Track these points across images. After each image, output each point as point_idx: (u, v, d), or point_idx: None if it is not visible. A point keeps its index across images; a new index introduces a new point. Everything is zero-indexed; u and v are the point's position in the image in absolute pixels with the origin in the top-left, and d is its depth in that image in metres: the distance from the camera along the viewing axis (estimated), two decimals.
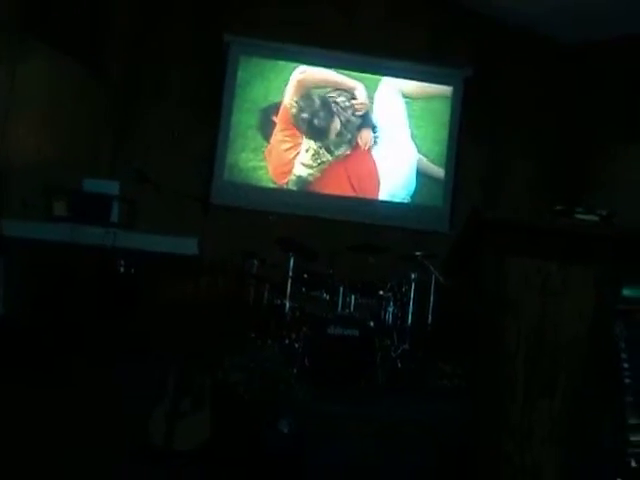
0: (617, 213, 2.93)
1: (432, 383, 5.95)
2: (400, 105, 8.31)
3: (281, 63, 8.28)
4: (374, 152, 8.26)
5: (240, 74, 8.21)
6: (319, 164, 8.17)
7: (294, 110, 8.17)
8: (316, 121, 8.20)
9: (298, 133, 8.19)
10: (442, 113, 8.37)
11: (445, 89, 8.41)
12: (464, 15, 8.32)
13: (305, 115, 8.17)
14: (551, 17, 7.82)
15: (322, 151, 8.18)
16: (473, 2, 8.07)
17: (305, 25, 8.17)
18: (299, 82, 8.21)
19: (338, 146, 8.19)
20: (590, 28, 7.79)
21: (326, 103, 8.23)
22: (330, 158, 8.18)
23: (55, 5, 6.65)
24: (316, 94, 8.22)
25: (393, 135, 8.28)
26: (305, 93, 8.20)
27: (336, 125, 8.21)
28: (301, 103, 8.18)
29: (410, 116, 8.32)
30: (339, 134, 8.22)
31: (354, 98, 8.26)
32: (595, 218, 2.92)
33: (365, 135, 8.21)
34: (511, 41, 8.42)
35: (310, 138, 8.18)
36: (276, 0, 8.19)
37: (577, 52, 8.30)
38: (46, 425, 4.07)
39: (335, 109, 8.24)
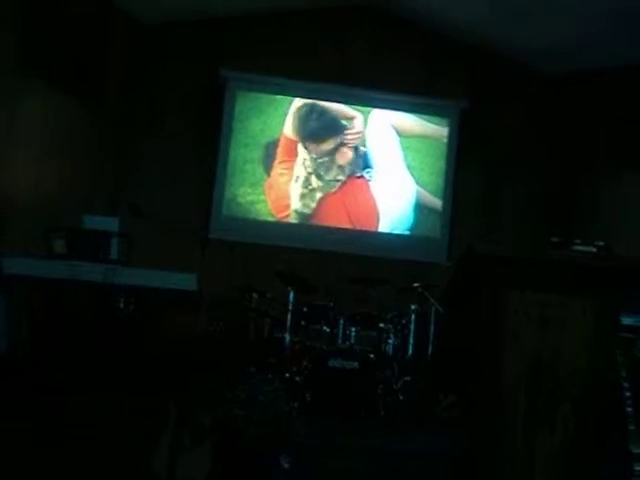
0: (611, 247, 2.95)
1: (433, 415, 5.92)
2: (395, 137, 8.35)
3: (278, 97, 8.35)
4: (371, 184, 8.28)
5: (238, 108, 8.28)
6: (310, 191, 8.19)
7: (295, 129, 8.23)
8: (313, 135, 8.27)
9: (294, 163, 8.22)
10: (438, 145, 8.42)
11: (441, 121, 8.47)
12: (458, 47, 8.41)
13: (307, 126, 8.23)
14: (542, 49, 7.91)
15: (312, 177, 8.21)
16: (467, 34, 8.15)
17: (301, 60, 8.24)
18: (299, 108, 8.28)
19: (328, 170, 8.23)
20: (581, 59, 7.88)
21: (327, 124, 8.29)
22: (321, 184, 8.20)
23: (52, 43, 6.72)
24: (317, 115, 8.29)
25: (390, 167, 8.32)
26: (305, 115, 8.27)
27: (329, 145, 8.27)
28: (302, 120, 8.24)
29: (406, 148, 8.36)
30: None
31: (352, 127, 8.32)
32: (592, 249, 2.94)
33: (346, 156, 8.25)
34: (505, 73, 8.51)
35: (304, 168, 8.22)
36: (272, 35, 8.26)
37: (568, 81, 8.38)
38: (48, 461, 4.05)
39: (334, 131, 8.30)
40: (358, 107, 8.39)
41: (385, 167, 8.33)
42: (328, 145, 8.29)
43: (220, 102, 8.22)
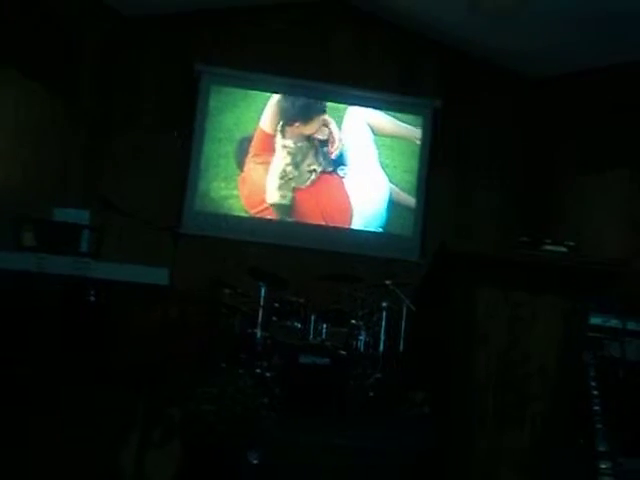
0: (581, 248, 2.98)
1: (403, 411, 5.94)
2: (370, 135, 8.37)
3: (252, 92, 8.32)
4: (345, 181, 8.29)
5: (212, 103, 8.24)
6: (286, 181, 8.18)
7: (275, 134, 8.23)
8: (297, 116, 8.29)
9: (270, 157, 8.21)
10: (412, 143, 8.45)
11: (415, 119, 8.49)
12: (433, 46, 8.43)
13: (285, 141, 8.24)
14: (515, 50, 7.96)
15: (289, 168, 8.20)
16: (444, 35, 8.18)
17: (277, 55, 8.22)
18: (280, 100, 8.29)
19: (304, 158, 8.23)
20: (553, 61, 7.95)
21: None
22: (296, 174, 8.20)
23: (25, 31, 6.63)
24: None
25: (364, 164, 8.33)
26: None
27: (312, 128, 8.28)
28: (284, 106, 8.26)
29: (381, 146, 8.38)
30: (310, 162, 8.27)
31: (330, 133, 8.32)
32: (563, 249, 2.97)
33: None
34: (478, 73, 8.56)
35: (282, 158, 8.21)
36: (247, 30, 8.22)
37: (541, 84, 8.46)
38: (13, 459, 4.00)
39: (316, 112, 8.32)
40: (334, 103, 8.37)
41: (359, 164, 8.33)
42: (310, 128, 8.28)
43: (194, 97, 8.17)
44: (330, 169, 8.29)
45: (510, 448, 2.79)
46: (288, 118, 8.30)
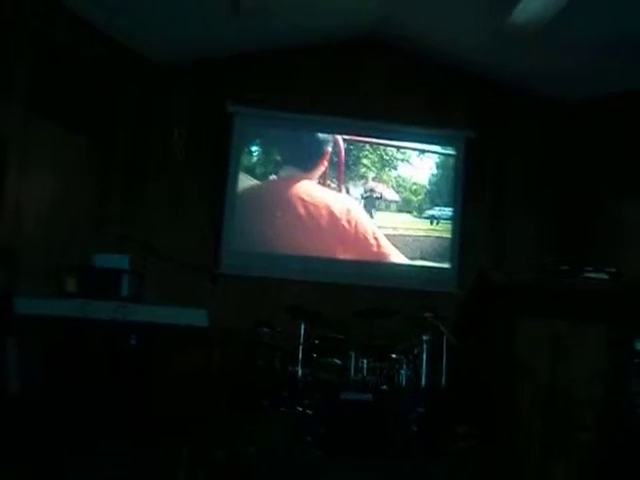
0: (622, 273, 2.95)
1: (449, 446, 5.86)
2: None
3: (284, 133, 8.42)
4: (381, 214, 8.31)
5: (246, 143, 8.33)
6: None
7: None
8: None
9: None
10: (447, 174, 8.46)
11: (448, 151, 8.51)
12: (462, 77, 8.46)
13: None
14: (546, 74, 7.94)
15: None
16: (471, 64, 8.21)
17: (308, 94, 8.31)
18: None
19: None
20: (585, 84, 7.91)
21: None
22: None
23: (63, 83, 6.81)
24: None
25: (400, 198, 8.35)
26: None
27: None
28: None
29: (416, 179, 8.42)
30: None
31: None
32: (604, 276, 2.94)
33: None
34: (509, 100, 8.55)
35: None
36: (278, 70, 8.33)
37: (574, 108, 8.41)
38: None
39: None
40: (367, 139, 8.43)
41: (395, 198, 8.35)
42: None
43: (228, 137, 8.27)
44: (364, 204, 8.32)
45: (559, 478, 2.75)
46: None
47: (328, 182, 8.32)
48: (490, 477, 2.88)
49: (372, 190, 8.36)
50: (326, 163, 8.33)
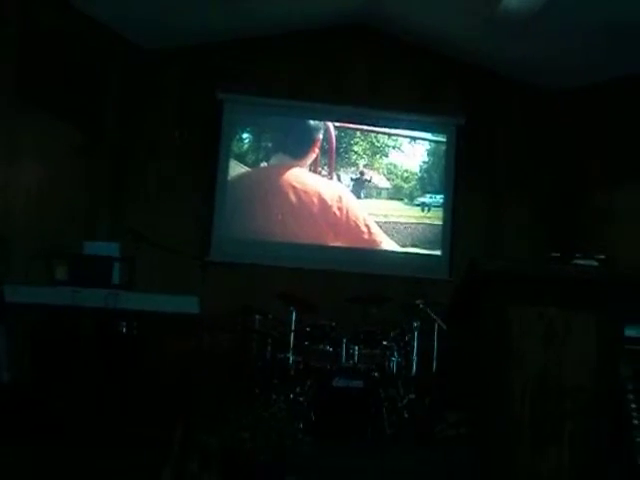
0: (612, 260, 2.96)
1: (439, 432, 5.89)
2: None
3: (275, 118, 8.40)
4: (372, 202, 8.30)
5: (235, 130, 8.31)
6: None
7: None
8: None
9: None
10: (437, 161, 8.45)
11: (439, 138, 8.50)
12: (453, 64, 8.44)
13: None
14: (538, 63, 7.93)
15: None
16: (462, 51, 8.19)
17: (298, 80, 8.29)
18: None
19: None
20: (579, 72, 7.90)
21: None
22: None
23: (50, 71, 6.76)
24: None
25: (388, 184, 8.34)
26: None
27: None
28: None
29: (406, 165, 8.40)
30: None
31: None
32: (594, 263, 2.95)
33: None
34: (501, 88, 8.54)
35: None
36: (267, 57, 8.30)
37: (566, 96, 8.40)
38: None
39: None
40: (356, 125, 8.41)
41: (385, 185, 8.34)
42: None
43: (218, 124, 8.24)
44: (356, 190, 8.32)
45: (550, 466, 2.76)
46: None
47: (319, 169, 8.31)
48: (481, 463, 2.89)
49: (362, 173, 8.34)
50: (317, 150, 8.32)
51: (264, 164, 8.31)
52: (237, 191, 8.23)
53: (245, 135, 8.36)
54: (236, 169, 8.25)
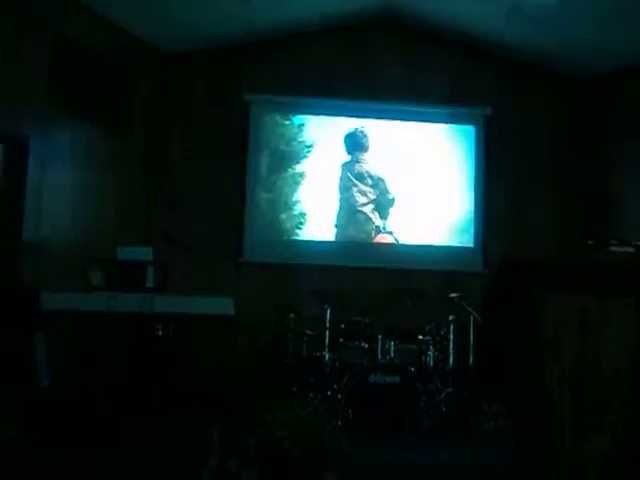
0: None
1: (478, 425, 5.86)
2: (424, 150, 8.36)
3: (307, 117, 8.40)
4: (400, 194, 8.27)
5: (264, 131, 8.32)
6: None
7: None
8: None
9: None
10: (466, 153, 8.39)
11: (467, 129, 8.43)
12: (479, 55, 8.38)
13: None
14: (561, 50, 7.86)
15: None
16: (486, 42, 8.13)
17: (324, 78, 8.27)
18: None
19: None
20: (604, 59, 7.81)
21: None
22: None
23: (80, 77, 6.84)
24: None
25: (421, 179, 8.30)
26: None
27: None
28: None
29: (436, 159, 8.36)
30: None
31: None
32: (630, 249, 2.90)
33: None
34: (528, 77, 8.46)
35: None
36: (294, 56, 8.30)
37: (591, 83, 8.31)
38: None
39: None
40: (384, 120, 8.38)
41: (415, 180, 8.29)
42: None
43: (246, 126, 8.26)
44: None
45: (591, 453, 2.73)
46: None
47: (351, 166, 8.28)
48: (521, 456, 2.87)
49: (393, 168, 8.29)
50: (346, 147, 8.30)
51: (295, 163, 8.31)
52: (268, 191, 8.24)
53: (274, 135, 8.35)
54: (265, 169, 8.26)
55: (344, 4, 7.81)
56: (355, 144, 8.33)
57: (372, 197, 8.27)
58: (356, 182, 8.27)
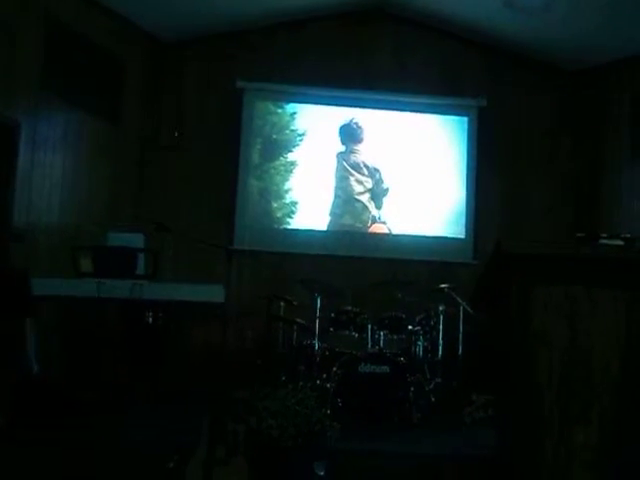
0: (635, 239, 2.92)
1: (467, 415, 5.88)
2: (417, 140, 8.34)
3: (299, 105, 8.37)
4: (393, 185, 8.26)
5: (257, 119, 8.30)
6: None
7: None
8: None
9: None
10: (459, 143, 8.38)
11: (461, 120, 8.42)
12: (472, 46, 8.37)
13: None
14: (555, 42, 7.85)
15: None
16: (480, 33, 8.12)
17: (318, 67, 8.24)
18: None
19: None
20: (598, 51, 7.82)
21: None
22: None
23: (72, 64, 6.80)
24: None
25: (412, 169, 8.29)
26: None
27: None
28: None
29: (428, 149, 8.35)
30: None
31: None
32: (619, 242, 2.92)
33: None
34: (520, 68, 8.44)
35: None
36: (286, 44, 8.27)
37: (585, 74, 8.32)
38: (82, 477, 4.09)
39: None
40: (377, 110, 8.36)
41: (406, 170, 8.28)
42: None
43: (239, 114, 8.23)
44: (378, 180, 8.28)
45: (579, 447, 2.75)
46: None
47: (344, 155, 8.27)
48: (509, 447, 2.88)
49: (385, 157, 8.29)
50: (340, 138, 8.29)
51: (287, 152, 8.29)
52: (259, 179, 8.23)
53: (266, 123, 8.33)
54: (257, 157, 8.24)
55: None
56: (350, 135, 8.31)
57: (368, 186, 8.26)
58: (352, 172, 8.25)
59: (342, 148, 8.27)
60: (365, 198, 8.26)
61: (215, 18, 7.85)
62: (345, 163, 8.26)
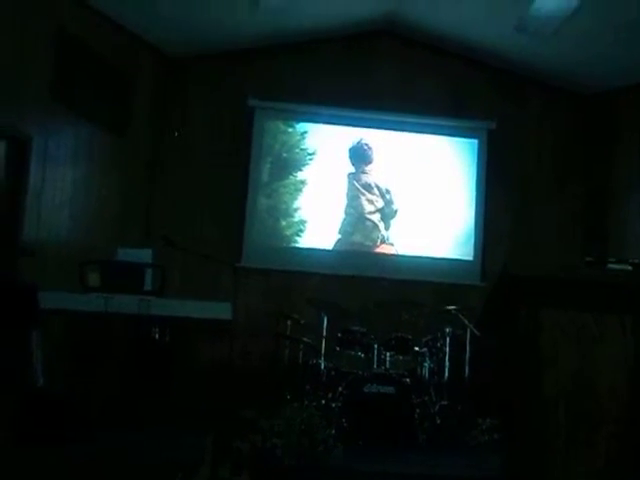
0: None
1: (472, 438, 5.85)
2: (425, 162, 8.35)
3: (308, 125, 8.40)
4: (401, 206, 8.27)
5: (267, 137, 8.32)
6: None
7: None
8: None
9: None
10: (468, 166, 8.39)
11: (469, 143, 8.43)
12: (482, 68, 8.39)
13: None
14: (565, 66, 7.88)
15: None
16: (489, 55, 8.15)
17: (327, 87, 8.27)
18: None
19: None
20: (609, 76, 7.83)
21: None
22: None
23: (83, 77, 6.85)
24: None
25: (421, 191, 8.30)
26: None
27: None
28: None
29: (437, 171, 8.35)
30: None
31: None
32: (628, 267, 2.91)
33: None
34: (532, 92, 8.47)
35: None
36: (297, 64, 8.30)
37: (595, 98, 8.33)
38: None
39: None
40: (387, 131, 8.38)
41: (414, 191, 8.29)
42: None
43: (249, 131, 8.26)
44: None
45: (585, 470, 2.73)
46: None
47: (353, 176, 8.29)
48: (515, 470, 2.87)
49: (394, 178, 8.30)
50: (350, 159, 8.30)
51: (297, 170, 8.31)
52: (269, 197, 8.24)
53: (277, 141, 8.36)
54: (267, 175, 8.26)
55: (348, 13, 7.83)
56: (359, 157, 8.33)
57: (379, 206, 8.26)
58: (364, 191, 8.26)
59: (352, 169, 8.29)
60: (376, 217, 8.26)
61: (224, 36, 7.91)
62: (356, 183, 8.27)
